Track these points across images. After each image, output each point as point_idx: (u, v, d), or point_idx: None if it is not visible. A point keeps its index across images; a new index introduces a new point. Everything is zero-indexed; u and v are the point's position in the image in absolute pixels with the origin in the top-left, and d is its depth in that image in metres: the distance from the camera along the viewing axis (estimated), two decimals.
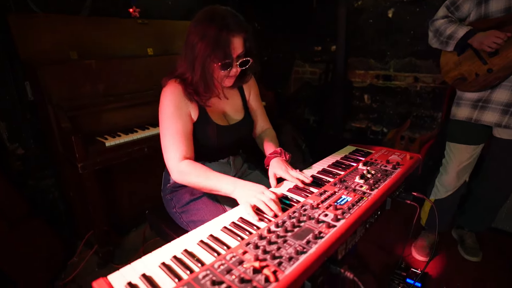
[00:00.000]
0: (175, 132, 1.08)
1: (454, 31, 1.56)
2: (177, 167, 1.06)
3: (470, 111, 1.64)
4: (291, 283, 0.61)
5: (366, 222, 0.89)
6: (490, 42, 1.44)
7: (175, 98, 1.09)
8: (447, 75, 1.68)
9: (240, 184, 0.97)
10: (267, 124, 1.42)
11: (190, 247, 0.76)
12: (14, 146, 1.94)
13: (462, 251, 1.89)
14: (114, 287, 0.63)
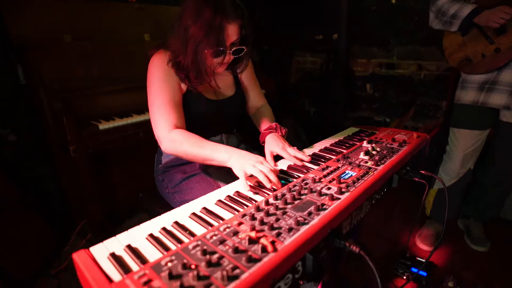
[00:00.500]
0: (165, 100, 1.01)
1: (458, 9, 1.49)
2: (168, 136, 0.99)
3: (476, 94, 1.57)
4: (291, 254, 0.55)
5: (372, 198, 0.83)
6: (498, 18, 1.38)
7: (165, 66, 1.03)
8: (451, 57, 1.62)
9: (237, 153, 0.91)
10: (262, 100, 1.35)
11: (181, 220, 0.70)
12: (6, 131, 1.88)
13: (469, 241, 1.83)
14: (96, 259, 0.57)
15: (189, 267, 0.52)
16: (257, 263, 0.52)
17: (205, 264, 0.52)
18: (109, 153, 1.93)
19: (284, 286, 0.55)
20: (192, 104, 1.10)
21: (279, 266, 0.53)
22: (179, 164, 1.20)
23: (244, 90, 1.30)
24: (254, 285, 0.48)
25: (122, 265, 0.55)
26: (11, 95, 1.86)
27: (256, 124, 1.31)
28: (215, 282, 0.48)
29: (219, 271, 0.50)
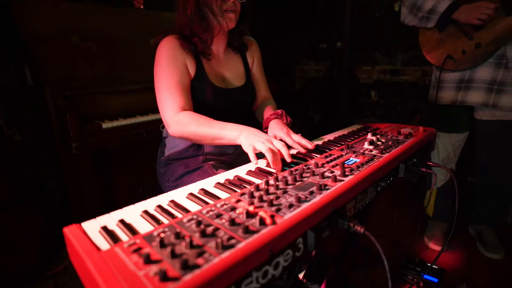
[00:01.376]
0: (172, 82, 1.00)
1: (435, 4, 1.45)
2: (175, 118, 0.97)
3: (454, 93, 1.56)
4: (290, 228, 0.52)
5: (378, 184, 0.80)
6: (480, 14, 1.35)
7: (172, 49, 1.03)
8: (430, 54, 1.59)
9: (246, 129, 0.89)
10: (268, 95, 1.34)
11: (177, 199, 0.67)
12: (12, 131, 1.89)
13: (482, 248, 1.75)
14: (86, 232, 0.55)
15: (182, 237, 0.49)
16: (254, 234, 0.49)
17: (199, 235, 0.49)
18: (111, 152, 1.92)
19: (283, 263, 0.52)
20: (199, 90, 1.08)
21: (278, 238, 0.50)
22: (182, 157, 1.18)
23: (254, 82, 1.29)
24: (250, 255, 0.45)
25: (113, 237, 0.52)
26: (18, 97, 1.89)
27: (260, 117, 1.29)
28: (209, 250, 0.45)
29: (213, 240, 0.48)
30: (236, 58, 1.23)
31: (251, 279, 0.46)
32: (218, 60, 1.17)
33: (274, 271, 0.50)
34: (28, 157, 1.97)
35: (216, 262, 0.43)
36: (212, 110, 1.11)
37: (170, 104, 0.99)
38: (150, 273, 0.41)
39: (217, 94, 1.10)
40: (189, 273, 0.41)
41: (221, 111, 1.14)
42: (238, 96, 1.19)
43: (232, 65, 1.21)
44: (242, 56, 1.25)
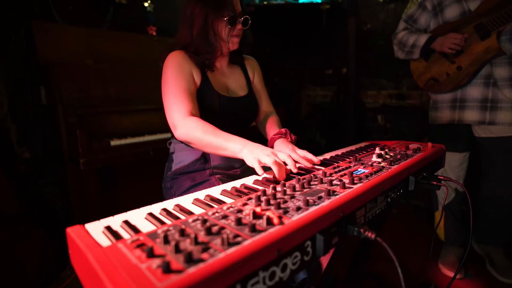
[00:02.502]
0: (179, 89, 1.03)
1: (416, 39, 1.67)
2: (183, 121, 0.98)
3: (450, 113, 1.65)
4: (298, 229, 0.50)
5: (388, 194, 0.77)
6: (449, 44, 1.53)
7: (179, 59, 1.07)
8: (419, 79, 1.76)
9: (250, 144, 0.90)
10: (270, 108, 1.36)
11: (183, 204, 0.66)
12: (21, 149, 1.93)
13: (494, 271, 1.66)
14: (89, 232, 0.53)
15: (187, 235, 0.48)
16: (261, 233, 0.47)
17: (205, 233, 0.48)
18: (118, 170, 1.93)
19: (291, 266, 0.49)
20: (205, 98, 1.11)
21: (285, 238, 0.48)
22: (189, 171, 1.18)
23: (256, 96, 1.32)
24: (256, 253, 0.43)
25: (116, 235, 0.51)
26: (31, 115, 1.94)
27: (263, 131, 1.31)
28: (214, 247, 0.44)
29: (219, 238, 0.46)
30: (238, 71, 1.29)
31: (258, 279, 0.44)
32: (221, 73, 1.22)
33: (282, 273, 0.48)
34: (35, 175, 1.99)
35: (222, 257, 0.41)
36: (219, 118, 1.13)
37: (178, 107, 1.01)
38: (153, 265, 0.39)
39: (223, 102, 1.13)
40: (193, 266, 0.39)
41: (227, 119, 1.16)
42: (242, 105, 1.21)
43: (235, 77, 1.25)
44: (243, 70, 1.31)
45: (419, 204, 2.63)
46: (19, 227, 1.70)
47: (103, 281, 0.38)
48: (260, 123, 1.34)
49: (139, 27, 2.38)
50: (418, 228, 2.19)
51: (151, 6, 2.40)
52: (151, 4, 2.40)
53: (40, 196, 2.01)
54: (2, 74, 1.83)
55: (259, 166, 0.83)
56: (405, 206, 2.66)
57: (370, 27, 2.80)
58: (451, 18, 1.59)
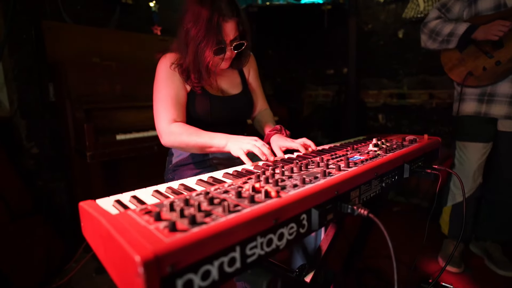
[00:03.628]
0: (167, 96, 1.06)
1: (454, 28, 1.59)
2: (167, 129, 1.03)
3: (477, 105, 1.63)
4: (294, 202, 0.54)
5: (382, 179, 0.81)
6: (496, 31, 1.46)
7: (169, 65, 1.09)
8: (452, 71, 1.69)
9: (233, 138, 0.95)
10: (265, 105, 1.38)
11: (187, 183, 0.70)
12: (30, 144, 1.98)
13: (493, 266, 1.67)
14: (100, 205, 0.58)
15: (191, 205, 0.51)
16: (260, 204, 0.51)
17: (207, 203, 0.52)
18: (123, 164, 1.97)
19: (288, 236, 0.53)
20: (197, 101, 1.13)
21: (282, 209, 0.52)
22: (189, 162, 1.22)
23: (252, 93, 1.33)
24: (255, 219, 0.47)
25: (125, 207, 0.55)
26: (40, 111, 2.00)
27: (258, 127, 1.33)
28: (216, 213, 0.48)
29: (220, 207, 0.50)
30: (232, 70, 1.28)
31: (256, 244, 0.47)
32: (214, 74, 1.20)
33: (278, 242, 0.51)
34: (43, 170, 2.04)
35: (223, 221, 0.45)
36: (210, 118, 1.15)
37: (164, 115, 1.05)
38: (160, 226, 0.43)
39: (214, 103, 1.15)
40: (197, 227, 0.43)
41: (219, 119, 1.17)
42: (235, 103, 1.22)
43: (228, 76, 1.26)
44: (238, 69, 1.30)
45: (420, 203, 2.65)
46: (27, 221, 1.74)
47: (116, 239, 0.42)
48: (255, 120, 1.35)
49: (144, 26, 2.44)
50: (419, 226, 2.21)
51: (156, 6, 2.46)
52: (156, 4, 2.46)
53: (47, 191, 2.05)
54: (12, 72, 1.88)
55: (244, 154, 0.88)
56: (405, 205, 2.68)
57: (371, 28, 2.84)
58: (484, 10, 1.54)
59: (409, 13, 2.54)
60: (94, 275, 1.78)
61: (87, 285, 1.71)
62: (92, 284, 1.72)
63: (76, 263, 1.86)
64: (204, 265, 0.41)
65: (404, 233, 2.15)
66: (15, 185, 1.77)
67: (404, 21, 2.61)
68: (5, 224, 1.62)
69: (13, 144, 1.93)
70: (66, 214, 2.13)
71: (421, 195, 2.64)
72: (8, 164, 1.77)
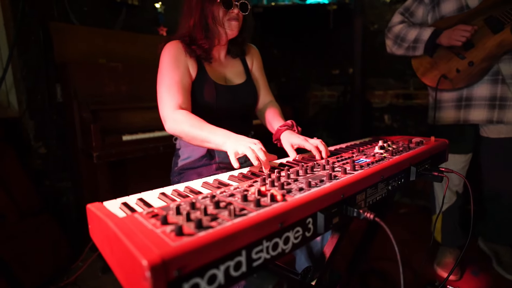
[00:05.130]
0: (172, 82, 1.05)
1: (418, 34, 1.55)
2: (171, 115, 1.01)
3: (455, 112, 1.57)
4: (300, 205, 0.54)
5: (389, 182, 0.80)
6: (458, 36, 1.44)
7: (174, 51, 1.09)
8: (425, 76, 1.64)
9: (234, 137, 0.91)
10: (269, 97, 1.35)
11: (193, 186, 0.71)
12: (38, 144, 2.01)
13: (501, 269, 1.65)
14: (108, 208, 0.58)
15: (197, 208, 0.52)
16: (265, 207, 0.51)
17: (213, 207, 0.52)
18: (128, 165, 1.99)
19: (293, 239, 0.53)
20: (201, 89, 1.12)
21: (288, 213, 0.52)
22: (195, 166, 1.22)
23: (254, 83, 1.30)
24: (260, 223, 0.47)
25: (132, 209, 0.56)
26: (47, 112, 2.02)
27: (263, 120, 1.30)
28: (222, 217, 0.48)
29: (226, 211, 0.50)
30: (236, 60, 1.28)
31: (262, 248, 0.47)
32: (219, 62, 1.22)
33: (284, 245, 0.51)
34: (50, 170, 2.07)
35: (229, 225, 0.45)
36: (216, 107, 1.13)
37: (168, 101, 1.03)
38: (167, 230, 0.44)
39: (220, 92, 1.14)
40: (203, 231, 0.43)
41: (224, 109, 1.16)
42: (240, 92, 1.21)
43: (232, 66, 1.25)
44: (242, 59, 1.30)
45: (425, 204, 2.62)
46: (35, 220, 1.77)
47: (123, 242, 0.42)
48: (259, 112, 1.33)
49: (150, 27, 2.45)
50: (424, 228, 2.19)
51: (162, 7, 2.48)
52: (162, 5, 2.48)
53: (54, 190, 2.08)
54: (21, 73, 1.91)
55: (234, 159, 0.84)
56: (411, 206, 2.66)
57: (377, 27, 2.82)
58: (447, 13, 1.53)
59: None
60: (100, 274, 1.80)
61: (93, 284, 1.73)
62: (98, 283, 1.73)
63: (83, 262, 1.88)
64: (210, 269, 0.41)
65: (410, 235, 2.13)
66: (24, 184, 1.79)
67: None
68: (14, 222, 1.64)
69: (22, 144, 1.96)
70: (73, 213, 2.16)
71: (427, 196, 2.62)
72: (17, 163, 1.80)
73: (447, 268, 1.68)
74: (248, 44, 1.31)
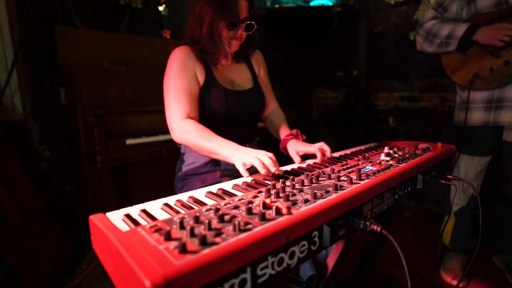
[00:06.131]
0: (179, 89, 1.04)
1: (452, 29, 1.48)
2: (179, 125, 1.01)
3: (485, 114, 1.51)
4: (306, 219, 0.53)
5: (395, 191, 0.79)
6: (501, 35, 1.36)
7: (182, 56, 1.08)
8: (455, 74, 1.57)
9: (241, 149, 0.91)
10: (275, 104, 1.37)
11: (197, 196, 0.70)
12: (42, 147, 2.02)
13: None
14: (110, 219, 0.57)
15: (201, 222, 0.51)
16: (271, 221, 0.50)
17: (217, 221, 0.51)
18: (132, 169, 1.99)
19: (299, 254, 0.52)
20: (210, 95, 1.11)
21: (293, 227, 0.51)
22: (200, 173, 1.21)
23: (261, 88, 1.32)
24: (266, 238, 0.46)
25: (135, 222, 0.55)
26: (52, 115, 2.03)
27: (270, 128, 1.32)
28: (226, 232, 0.47)
29: (230, 225, 0.49)
30: (243, 65, 1.29)
31: (267, 264, 0.46)
32: (226, 68, 1.22)
33: (289, 260, 0.50)
34: (54, 173, 2.07)
35: (233, 241, 0.44)
36: (225, 112, 1.13)
37: (176, 109, 1.03)
38: (170, 247, 0.43)
39: (229, 97, 1.14)
40: (207, 248, 0.42)
41: (234, 113, 1.16)
42: (249, 98, 1.22)
43: (240, 71, 1.26)
44: (248, 64, 1.30)
45: (430, 207, 2.60)
46: (38, 223, 1.77)
47: (126, 259, 0.41)
48: (266, 119, 1.35)
49: (154, 30, 2.46)
50: (430, 232, 2.17)
51: (166, 10, 2.48)
52: (166, 8, 2.48)
53: (58, 193, 2.09)
54: (26, 76, 1.92)
55: (243, 168, 0.85)
56: (416, 210, 2.63)
57: (381, 29, 2.80)
58: (483, 8, 1.44)
59: (420, 15, 2.50)
60: (103, 278, 1.80)
61: None
62: (101, 287, 1.73)
63: (86, 266, 1.88)
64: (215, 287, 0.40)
65: (415, 239, 2.11)
66: (28, 187, 1.80)
67: (415, 22, 2.56)
68: (18, 226, 1.65)
69: (26, 147, 1.97)
70: (77, 217, 2.16)
71: (432, 199, 2.59)
72: (21, 166, 1.81)
73: (453, 273, 1.65)
74: (254, 49, 1.32)
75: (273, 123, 1.30)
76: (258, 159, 0.83)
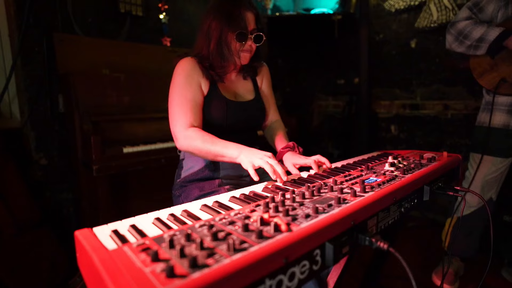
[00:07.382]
0: (184, 99, 1.07)
1: (484, 33, 1.45)
2: (183, 132, 1.03)
3: (507, 117, 1.51)
4: (307, 236, 0.49)
5: (401, 204, 0.75)
6: None
7: (187, 68, 1.10)
8: (482, 78, 1.55)
9: (246, 149, 0.94)
10: (276, 116, 1.38)
11: (191, 209, 0.66)
12: (39, 155, 1.98)
13: None
14: (97, 235, 0.54)
15: (193, 240, 0.47)
16: (269, 240, 0.46)
17: (211, 239, 0.47)
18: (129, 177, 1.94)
19: (300, 275, 0.48)
20: (213, 105, 1.13)
21: (293, 246, 0.46)
22: (198, 179, 1.18)
23: (264, 101, 1.33)
24: (263, 259, 0.42)
25: (123, 239, 0.51)
26: (49, 123, 2.00)
27: (269, 139, 1.32)
28: (220, 252, 0.43)
29: (225, 244, 0.45)
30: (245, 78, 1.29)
31: (264, 287, 0.42)
32: (229, 79, 1.24)
33: (289, 282, 0.46)
34: (51, 182, 2.03)
35: (227, 263, 0.40)
36: (226, 123, 1.15)
37: (180, 119, 1.05)
38: (157, 269, 0.39)
39: (230, 107, 1.15)
40: (198, 272, 0.38)
41: (234, 124, 1.17)
42: (250, 108, 1.23)
43: (242, 82, 1.27)
44: (252, 77, 1.31)
45: (435, 217, 2.54)
46: (33, 233, 1.73)
47: (107, 284, 0.38)
48: (266, 131, 1.36)
49: (154, 38, 2.45)
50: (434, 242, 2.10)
51: (166, 18, 2.47)
52: (166, 16, 2.47)
53: (54, 202, 2.05)
54: (24, 83, 1.90)
55: (253, 171, 0.87)
56: (421, 220, 2.58)
57: (382, 37, 2.78)
58: None
59: (421, 23, 2.48)
60: None
61: None
62: None
63: (80, 278, 1.83)
64: None
65: (419, 250, 2.05)
66: (23, 197, 1.76)
67: (416, 30, 2.55)
68: (11, 237, 1.60)
69: (23, 155, 1.94)
70: (73, 226, 2.12)
71: (437, 209, 2.53)
72: (17, 175, 1.77)
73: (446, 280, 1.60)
74: (261, 63, 1.34)
75: (271, 134, 1.31)
76: (270, 164, 0.85)
